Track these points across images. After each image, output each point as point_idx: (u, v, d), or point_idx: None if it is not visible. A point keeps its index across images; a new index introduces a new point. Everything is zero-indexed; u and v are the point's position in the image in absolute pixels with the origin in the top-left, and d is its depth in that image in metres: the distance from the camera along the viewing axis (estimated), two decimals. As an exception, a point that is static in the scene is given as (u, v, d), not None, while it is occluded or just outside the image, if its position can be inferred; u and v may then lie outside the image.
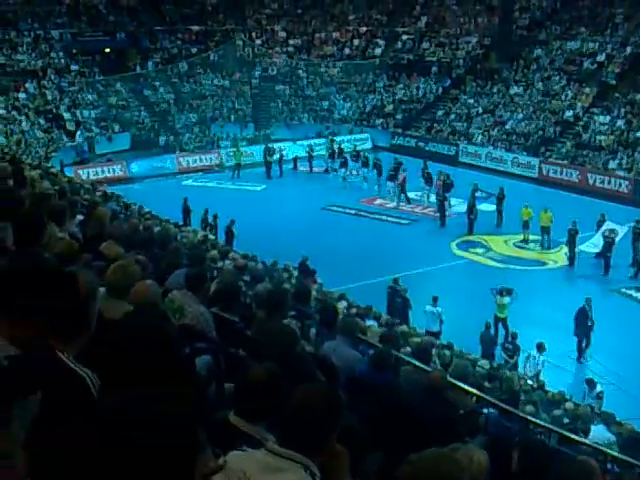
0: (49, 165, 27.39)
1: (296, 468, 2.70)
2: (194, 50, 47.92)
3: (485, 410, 6.72)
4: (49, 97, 41.15)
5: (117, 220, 10.64)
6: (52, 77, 42.15)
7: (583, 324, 18.53)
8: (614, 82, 39.40)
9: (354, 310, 15.32)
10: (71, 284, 2.80)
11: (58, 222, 7.32)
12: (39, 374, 2.49)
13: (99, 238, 7.54)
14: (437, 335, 18.02)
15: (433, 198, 31.48)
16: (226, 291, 6.00)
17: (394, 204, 32.26)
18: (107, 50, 45.84)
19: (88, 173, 36.09)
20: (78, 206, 11.63)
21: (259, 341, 4.81)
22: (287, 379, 3.24)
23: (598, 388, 15.45)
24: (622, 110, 37.49)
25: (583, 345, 18.84)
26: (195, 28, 49.02)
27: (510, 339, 17.84)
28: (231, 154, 39.29)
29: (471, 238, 27.83)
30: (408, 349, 8.57)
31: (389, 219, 30.66)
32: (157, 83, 45.16)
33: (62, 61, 43.44)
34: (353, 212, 31.46)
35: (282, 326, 5.42)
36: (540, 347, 16.72)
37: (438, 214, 29.97)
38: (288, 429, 2.77)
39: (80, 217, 10.66)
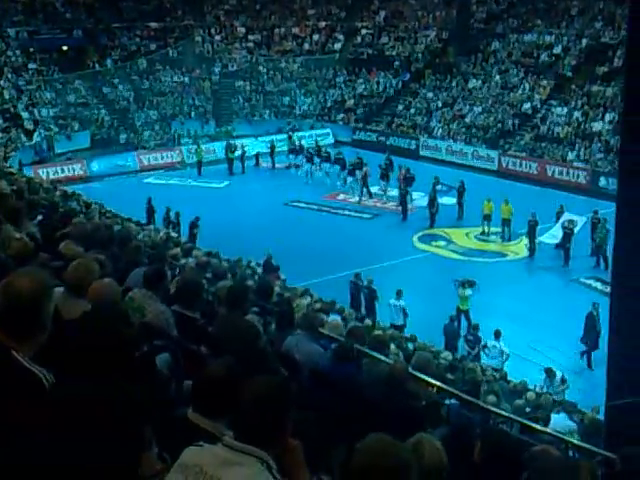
0: (7, 165, 27.01)
1: (252, 461, 2.71)
2: (153, 47, 47.50)
3: (447, 401, 6.78)
4: (6, 96, 40.50)
5: (77, 219, 10.53)
6: (9, 76, 41.48)
7: (592, 330, 17.72)
8: (570, 74, 39.88)
9: (318, 305, 15.37)
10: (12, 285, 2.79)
11: (15, 222, 7.24)
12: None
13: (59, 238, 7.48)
14: (401, 328, 18.15)
15: (393, 192, 31.64)
16: (187, 288, 5.96)
17: (356, 199, 32.34)
18: (65, 48, 45.20)
19: (48, 172, 35.60)
20: (37, 206, 11.51)
21: (220, 338, 4.80)
22: (248, 375, 3.23)
23: (559, 375, 15.65)
24: (579, 102, 37.98)
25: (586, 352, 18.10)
26: (154, 25, 48.56)
27: (472, 330, 18.00)
28: (192, 151, 39.08)
29: (433, 231, 28.01)
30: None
31: (352, 214, 30.75)
32: (116, 80, 44.68)
33: (19, 59, 42.79)
34: (316, 207, 31.50)
35: (243, 322, 5.41)
36: (497, 334, 16.92)
37: (400, 208, 30.11)
38: (242, 423, 2.78)
39: (40, 217, 10.55)
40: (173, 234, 23.10)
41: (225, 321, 5.39)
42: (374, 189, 32.72)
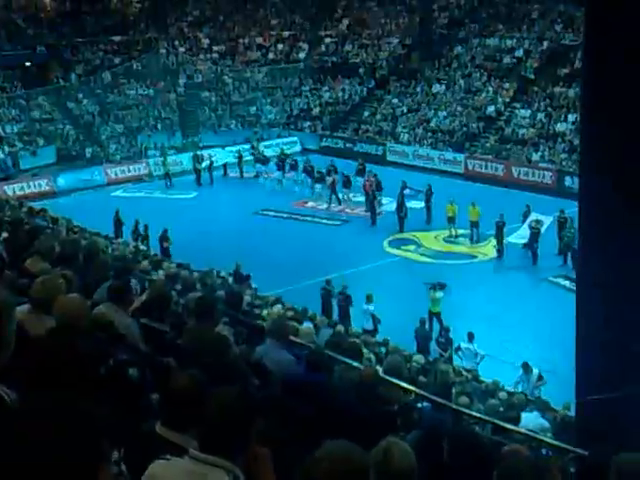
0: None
1: (219, 473, 2.69)
2: (117, 60, 47.28)
3: (420, 405, 6.79)
4: (-31, 114, 40.11)
5: (44, 235, 10.42)
6: (-28, 93, 41.09)
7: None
8: (533, 77, 40.31)
9: (290, 313, 15.32)
10: None
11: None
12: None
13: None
14: (372, 333, 18.14)
15: (358, 198, 31.77)
16: (156, 301, 5.93)
17: (325, 206, 32.38)
18: (28, 64, 44.84)
19: (14, 189, 35.20)
20: (3, 223, 11.38)
21: (189, 350, 4.77)
22: (218, 386, 3.21)
23: (535, 371, 15.77)
24: (542, 104, 38.39)
25: None
26: (117, 38, 48.38)
27: (443, 333, 18.08)
28: (159, 163, 38.90)
29: (402, 235, 28.12)
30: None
31: (321, 221, 30.77)
32: (80, 95, 44.38)
33: (-18, 77, 42.39)
34: (285, 215, 31.47)
35: (212, 333, 5.38)
36: (470, 336, 17.01)
37: (369, 214, 30.19)
38: (206, 434, 2.76)
39: (5, 234, 10.43)
40: (142, 247, 22.99)
41: (194, 333, 5.35)
42: (341, 196, 32.81)
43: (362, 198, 31.45)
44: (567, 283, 21.90)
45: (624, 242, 5.81)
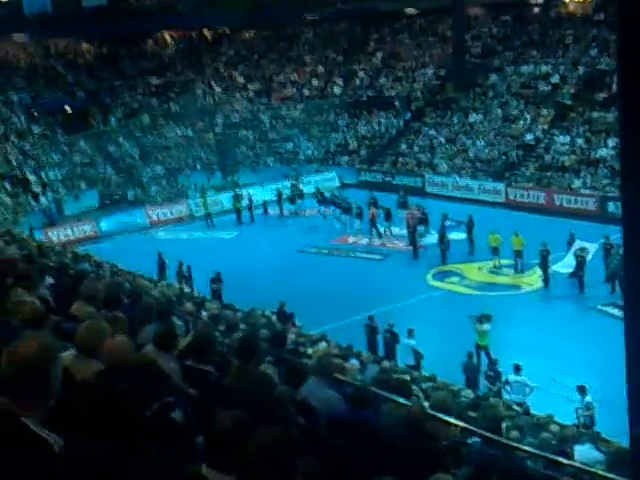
0: (18, 230, 27.20)
1: None
2: (155, 102, 48.13)
3: (470, 440, 6.71)
4: (13, 161, 40.99)
5: (88, 279, 10.57)
6: (14, 141, 42.03)
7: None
8: (570, 102, 40.09)
9: (335, 350, 15.30)
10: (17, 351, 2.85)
11: (25, 286, 7.28)
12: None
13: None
14: (415, 368, 17.97)
15: (396, 231, 31.74)
16: (200, 342, 5.97)
17: (366, 240, 32.38)
18: (68, 109, 45.86)
19: (58, 234, 35.80)
20: (48, 269, 11.57)
21: (234, 390, 4.79)
22: (261, 426, 3.22)
23: (588, 398, 15.53)
24: (581, 129, 38.12)
25: None
26: (154, 81, 49.29)
27: (491, 366, 17.86)
28: (200, 204, 39.30)
29: (445, 268, 27.96)
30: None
31: (363, 256, 30.75)
32: (120, 138, 45.18)
33: (23, 124, 43.36)
34: (326, 252, 31.52)
35: (257, 372, 5.40)
36: (516, 368, 16.77)
37: (411, 247, 30.10)
38: (247, 475, 2.77)
39: (50, 280, 10.60)
40: (186, 289, 23.16)
41: (238, 373, 5.37)
42: (382, 229, 32.81)
43: (405, 231, 31.34)
44: (616, 311, 21.53)
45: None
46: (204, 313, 13.39)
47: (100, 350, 4.69)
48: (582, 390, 15.74)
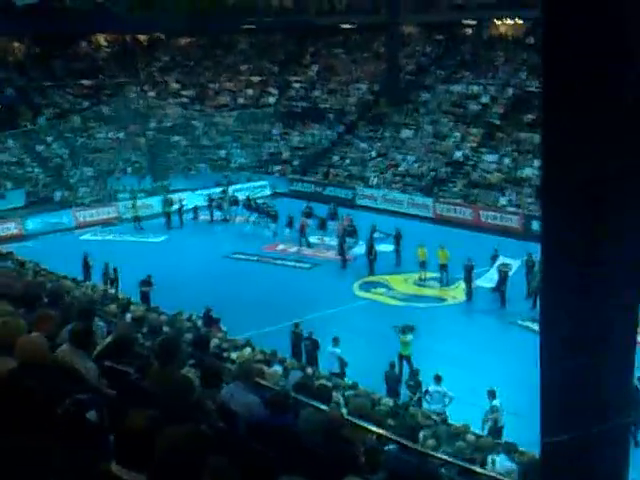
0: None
1: None
2: (86, 104, 47.32)
3: (386, 447, 6.76)
4: (-63, 157, 39.81)
5: (5, 277, 10.33)
6: (-61, 136, 40.83)
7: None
8: (499, 122, 40.96)
9: (259, 356, 15.28)
10: None
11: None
12: None
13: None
14: (340, 376, 18.07)
15: (332, 242, 31.88)
16: (120, 343, 5.89)
17: (296, 249, 32.42)
18: (-5, 106, 44.80)
19: (-19, 232, 34.92)
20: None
21: (153, 392, 4.73)
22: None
23: (495, 402, 15.89)
24: (508, 149, 38.98)
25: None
26: (86, 82, 48.48)
27: (413, 376, 18.04)
28: (129, 206, 38.77)
29: (372, 279, 28.17)
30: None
31: (291, 264, 30.77)
32: (50, 138, 44.28)
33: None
34: (256, 259, 31.43)
35: (176, 375, 5.34)
36: (437, 379, 17.00)
37: (340, 257, 30.27)
38: (156, 473, 2.74)
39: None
40: (111, 290, 22.81)
41: (158, 375, 5.31)
42: (313, 239, 32.92)
43: (335, 241, 31.52)
44: (536, 326, 21.96)
45: (584, 287, 5.88)
46: (128, 315, 13.20)
47: (15, 347, 4.58)
48: (492, 394, 16.15)
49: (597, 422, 6.03)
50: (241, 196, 39.24)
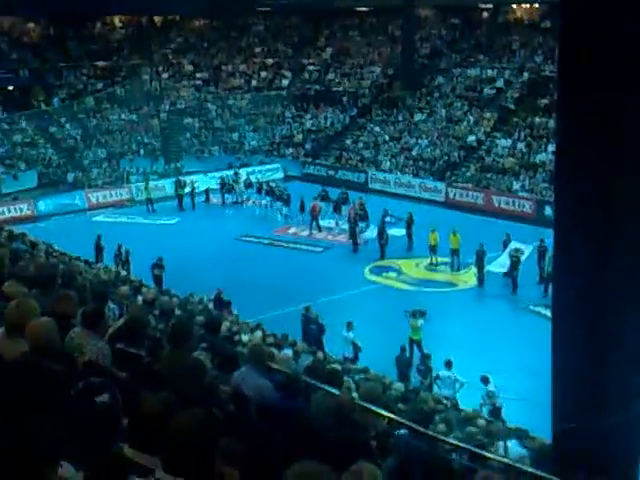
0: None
1: None
2: (100, 85, 47.36)
3: (397, 432, 6.76)
4: (-49, 137, 39.95)
5: (21, 259, 10.36)
6: (-47, 116, 40.96)
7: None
8: (513, 107, 40.70)
9: (270, 339, 15.30)
10: None
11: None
12: None
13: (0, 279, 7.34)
14: (352, 361, 18.10)
15: (344, 226, 31.82)
16: (132, 326, 5.90)
17: (307, 232, 32.39)
18: (10, 88, 44.82)
19: (-6, 213, 35.11)
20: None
21: (165, 375, 4.73)
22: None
23: (491, 387, 15.89)
24: (522, 134, 38.73)
25: None
26: (101, 64, 48.48)
27: (424, 360, 18.03)
28: (141, 188, 38.82)
29: (383, 263, 28.13)
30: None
31: (303, 247, 30.76)
32: (63, 119, 44.36)
33: (-36, 100, 42.29)
34: (267, 242, 31.44)
35: (188, 358, 5.35)
36: (448, 364, 16.98)
37: (351, 240, 30.25)
38: (168, 456, 2.75)
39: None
40: (123, 272, 22.87)
41: (169, 358, 5.32)
42: (325, 222, 32.87)
43: (346, 225, 31.46)
44: (548, 312, 21.90)
45: (597, 272, 5.85)
46: (140, 298, 13.23)
47: (26, 331, 4.60)
48: (485, 380, 16.13)
49: (610, 409, 6.02)
50: (253, 179, 39.28)
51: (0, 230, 20.17)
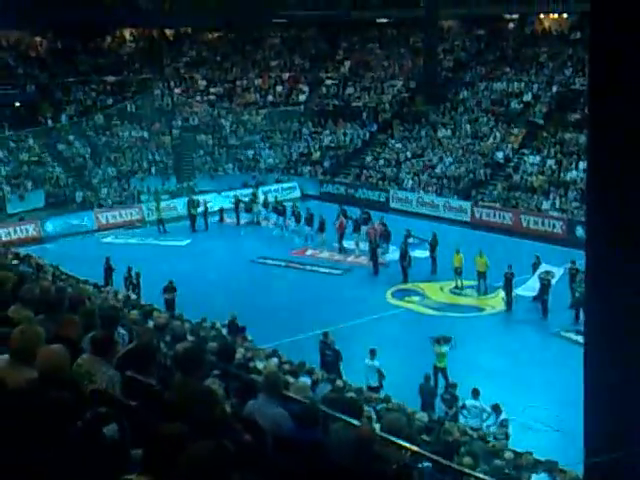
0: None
1: None
2: (110, 101, 47.77)
3: (420, 465, 6.73)
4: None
5: (27, 283, 10.42)
6: (-40, 134, 41.43)
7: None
8: (542, 122, 40.66)
9: (287, 367, 15.27)
10: None
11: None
12: None
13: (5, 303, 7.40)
14: (376, 390, 18.02)
15: (363, 246, 31.77)
16: (141, 352, 5.91)
17: (326, 254, 32.34)
18: (17, 104, 45.31)
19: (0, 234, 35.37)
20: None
21: (175, 404, 4.74)
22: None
23: (503, 416, 15.78)
24: (552, 150, 38.65)
25: None
26: (110, 79, 48.93)
27: (449, 389, 17.93)
28: (152, 208, 39.01)
29: (406, 286, 28.06)
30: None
31: (321, 270, 30.75)
32: (71, 137, 44.73)
33: (-31, 118, 42.76)
34: (284, 264, 31.46)
35: (200, 387, 5.35)
36: (475, 393, 16.85)
37: (371, 263, 30.20)
38: None
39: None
40: (133, 296, 22.97)
41: (180, 386, 5.33)
42: (345, 244, 32.84)
43: (366, 246, 31.36)
44: (579, 338, 21.77)
45: (632, 297, 5.81)
46: (150, 322, 13.28)
47: (34, 357, 4.62)
48: (497, 409, 16.06)
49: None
50: (270, 198, 39.38)
51: (6, 252, 20.35)
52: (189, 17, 50.93)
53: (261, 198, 39.26)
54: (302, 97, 50.68)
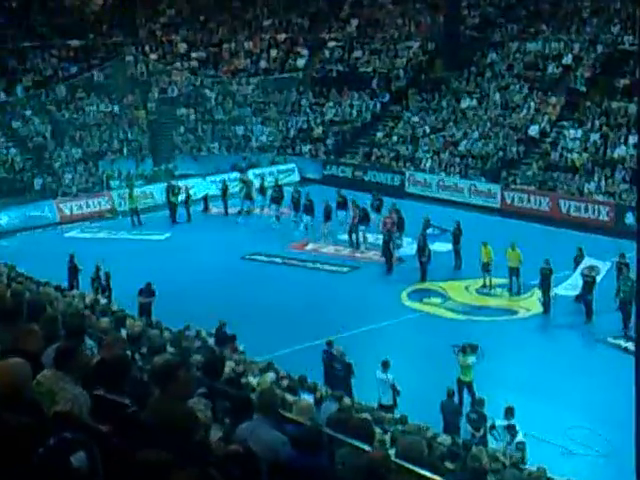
0: None
1: None
2: (74, 70, 47.70)
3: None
4: None
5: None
6: None
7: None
8: (584, 89, 40.60)
9: (285, 382, 15.33)
10: None
11: None
12: None
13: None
14: (390, 409, 18.04)
15: (372, 239, 31.79)
16: (112, 367, 5.94)
17: (331, 248, 32.38)
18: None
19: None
20: None
21: (152, 427, 4.78)
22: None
23: (519, 438, 15.81)
24: (596, 122, 38.60)
25: None
26: (74, 43, 48.87)
27: (476, 407, 17.95)
28: (125, 196, 39.01)
29: (425, 286, 28.13)
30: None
31: (325, 267, 30.77)
32: (28, 112, 44.74)
33: None
34: (280, 261, 31.50)
35: (182, 408, 5.39)
36: (508, 411, 16.85)
37: (384, 258, 30.20)
38: None
39: None
40: (103, 300, 23.02)
41: (159, 407, 5.36)
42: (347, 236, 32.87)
43: (377, 239, 31.36)
44: (630, 345, 21.83)
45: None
46: (123, 332, 13.34)
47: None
48: (513, 429, 16.08)
49: None
50: (266, 183, 39.36)
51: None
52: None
53: (256, 183, 39.21)
54: (300, 62, 50.61)
